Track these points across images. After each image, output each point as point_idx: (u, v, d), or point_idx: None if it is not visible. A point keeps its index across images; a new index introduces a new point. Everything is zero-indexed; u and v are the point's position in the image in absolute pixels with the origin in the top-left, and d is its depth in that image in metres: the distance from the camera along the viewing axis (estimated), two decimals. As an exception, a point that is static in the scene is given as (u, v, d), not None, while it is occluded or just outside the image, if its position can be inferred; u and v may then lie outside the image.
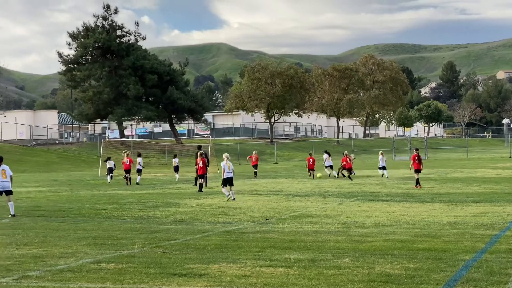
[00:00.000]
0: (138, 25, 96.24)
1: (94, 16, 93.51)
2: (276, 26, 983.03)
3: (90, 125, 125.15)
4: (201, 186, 32.11)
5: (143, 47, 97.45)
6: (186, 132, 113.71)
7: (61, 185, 39.30)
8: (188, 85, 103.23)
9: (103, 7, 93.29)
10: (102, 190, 33.83)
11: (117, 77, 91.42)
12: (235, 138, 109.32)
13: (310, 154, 46.82)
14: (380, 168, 42.81)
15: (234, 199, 26.11)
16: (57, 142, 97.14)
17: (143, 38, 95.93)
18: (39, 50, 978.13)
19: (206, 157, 37.26)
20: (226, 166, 26.80)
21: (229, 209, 22.37)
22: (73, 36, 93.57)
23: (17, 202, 26.26)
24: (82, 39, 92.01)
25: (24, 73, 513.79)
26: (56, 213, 21.85)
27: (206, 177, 34.44)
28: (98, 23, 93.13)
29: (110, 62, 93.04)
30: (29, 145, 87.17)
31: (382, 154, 43.32)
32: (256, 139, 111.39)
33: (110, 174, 42.50)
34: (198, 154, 33.66)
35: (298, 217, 19.74)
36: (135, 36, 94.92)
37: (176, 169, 46.07)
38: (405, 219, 18.71)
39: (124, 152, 42.25)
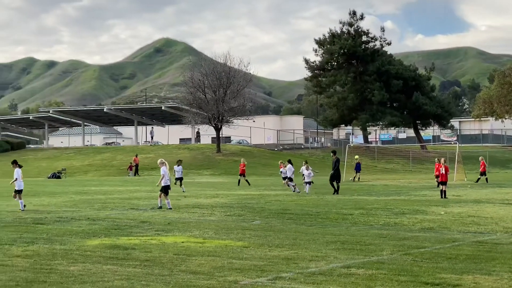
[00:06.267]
0: (383, 31, 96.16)
1: (340, 23, 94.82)
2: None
3: (335, 131, 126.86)
4: (443, 192, 31.68)
5: (388, 53, 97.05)
6: (431, 138, 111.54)
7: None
8: (434, 90, 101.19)
9: (349, 14, 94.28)
10: (347, 195, 34.05)
11: (362, 83, 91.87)
12: (483, 145, 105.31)
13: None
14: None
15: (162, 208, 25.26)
16: (302, 147, 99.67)
17: (389, 44, 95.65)
18: (285, 57, 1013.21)
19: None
20: (166, 173, 25.83)
21: (479, 219, 21.46)
22: (320, 42, 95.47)
23: (266, 205, 27.20)
24: (328, 46, 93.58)
25: (270, 79, 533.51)
26: (304, 216, 22.25)
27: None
28: (344, 30, 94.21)
29: (355, 68, 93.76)
30: (276, 149, 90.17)
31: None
32: (506, 146, 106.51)
33: None
34: (442, 161, 33.84)
35: (556, 230, 18.43)
36: (380, 41, 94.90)
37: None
38: None
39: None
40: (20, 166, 25.30)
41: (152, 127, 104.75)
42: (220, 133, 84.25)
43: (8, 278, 10.66)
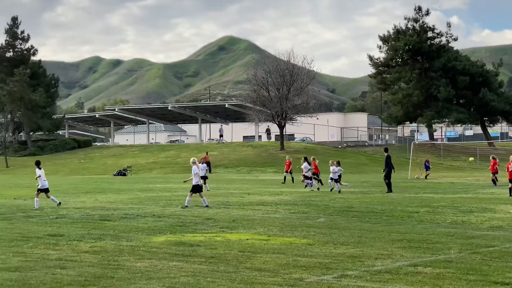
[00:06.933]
0: (449, 26, 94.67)
1: (405, 19, 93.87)
2: None
3: (399, 128, 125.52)
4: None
5: (454, 48, 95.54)
6: (499, 135, 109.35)
7: (371, 187, 39.83)
8: (502, 86, 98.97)
9: (414, 9, 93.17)
10: (413, 193, 33.64)
11: (427, 79, 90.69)
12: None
13: (314, 159, 41.31)
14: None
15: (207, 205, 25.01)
16: (366, 144, 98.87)
17: (455, 39, 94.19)
18: (348, 53, 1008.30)
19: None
20: (198, 171, 25.55)
21: (550, 217, 20.92)
22: (384, 39, 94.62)
23: (330, 202, 27.06)
24: (393, 42, 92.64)
25: (334, 76, 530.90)
26: (369, 214, 22.05)
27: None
28: (409, 26, 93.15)
29: (420, 64, 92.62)
30: (339, 146, 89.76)
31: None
32: None
33: None
34: (511, 158, 32.58)
35: None
36: (446, 37, 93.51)
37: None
38: None
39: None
40: (39, 168, 25.61)
41: (221, 125, 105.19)
42: (284, 130, 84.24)
43: (77, 274, 10.84)
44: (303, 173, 37.84)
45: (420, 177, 53.26)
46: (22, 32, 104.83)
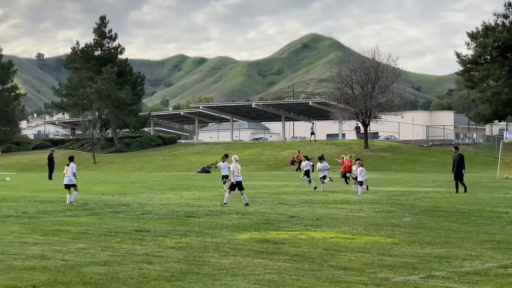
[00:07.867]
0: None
1: (494, 15, 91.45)
2: None
3: (487, 126, 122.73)
4: None
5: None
6: None
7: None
8: None
9: (504, 5, 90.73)
10: (501, 193, 32.77)
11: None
12: None
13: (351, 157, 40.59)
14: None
15: (247, 203, 24.63)
16: (453, 143, 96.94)
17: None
18: (434, 50, 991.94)
19: None
20: (235, 169, 25.49)
21: None
22: (472, 36, 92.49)
23: (416, 201, 26.64)
24: (481, 39, 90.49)
25: (419, 74, 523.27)
26: (456, 214, 21.60)
27: None
28: (498, 22, 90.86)
29: (510, 62, 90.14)
30: (425, 145, 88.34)
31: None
32: None
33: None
34: None
35: None
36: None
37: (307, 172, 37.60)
38: None
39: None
40: (67, 165, 25.66)
41: (313, 123, 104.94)
42: (368, 128, 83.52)
43: (163, 269, 10.98)
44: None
45: (510, 176, 51.82)
46: (110, 31, 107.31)
